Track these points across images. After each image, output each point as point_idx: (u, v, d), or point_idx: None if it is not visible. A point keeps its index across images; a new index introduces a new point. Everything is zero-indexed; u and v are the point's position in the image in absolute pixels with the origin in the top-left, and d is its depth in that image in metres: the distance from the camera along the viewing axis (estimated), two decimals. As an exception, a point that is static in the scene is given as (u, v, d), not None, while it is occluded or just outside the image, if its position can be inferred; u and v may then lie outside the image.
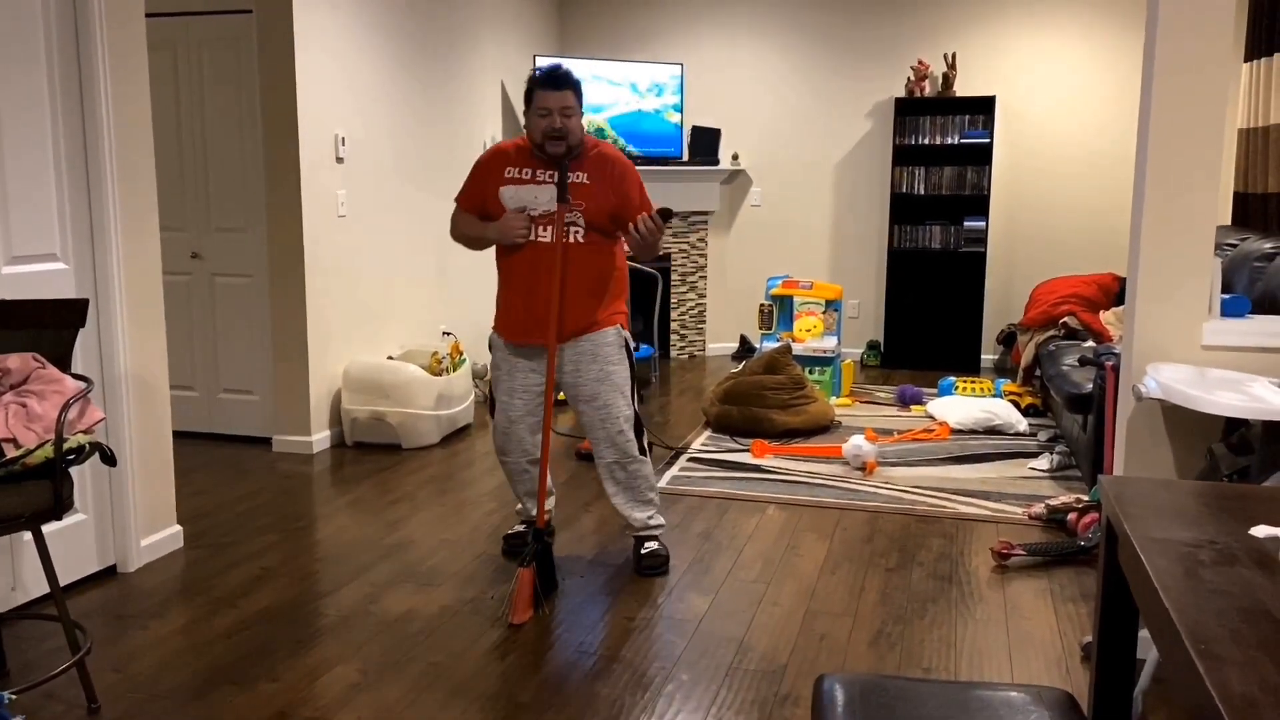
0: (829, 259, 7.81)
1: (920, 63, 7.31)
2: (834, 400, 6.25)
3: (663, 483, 4.68)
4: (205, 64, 5.22)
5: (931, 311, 7.41)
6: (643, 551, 3.70)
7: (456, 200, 3.71)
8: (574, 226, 3.49)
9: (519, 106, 7.41)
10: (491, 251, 3.94)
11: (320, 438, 5.26)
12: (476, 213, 3.64)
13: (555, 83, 3.43)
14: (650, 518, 3.73)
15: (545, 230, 3.49)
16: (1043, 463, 4.92)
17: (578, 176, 3.50)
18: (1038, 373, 6.00)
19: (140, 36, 3.69)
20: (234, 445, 5.33)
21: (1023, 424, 5.60)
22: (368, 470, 4.93)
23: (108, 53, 3.52)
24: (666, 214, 3.38)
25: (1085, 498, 4.12)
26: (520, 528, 3.91)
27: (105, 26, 3.51)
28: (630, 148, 7.32)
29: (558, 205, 3.46)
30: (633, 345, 3.67)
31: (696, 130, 7.59)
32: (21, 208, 3.27)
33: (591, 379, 3.55)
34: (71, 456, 2.64)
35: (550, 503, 3.91)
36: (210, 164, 5.29)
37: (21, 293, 3.25)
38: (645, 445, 3.66)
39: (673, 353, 7.91)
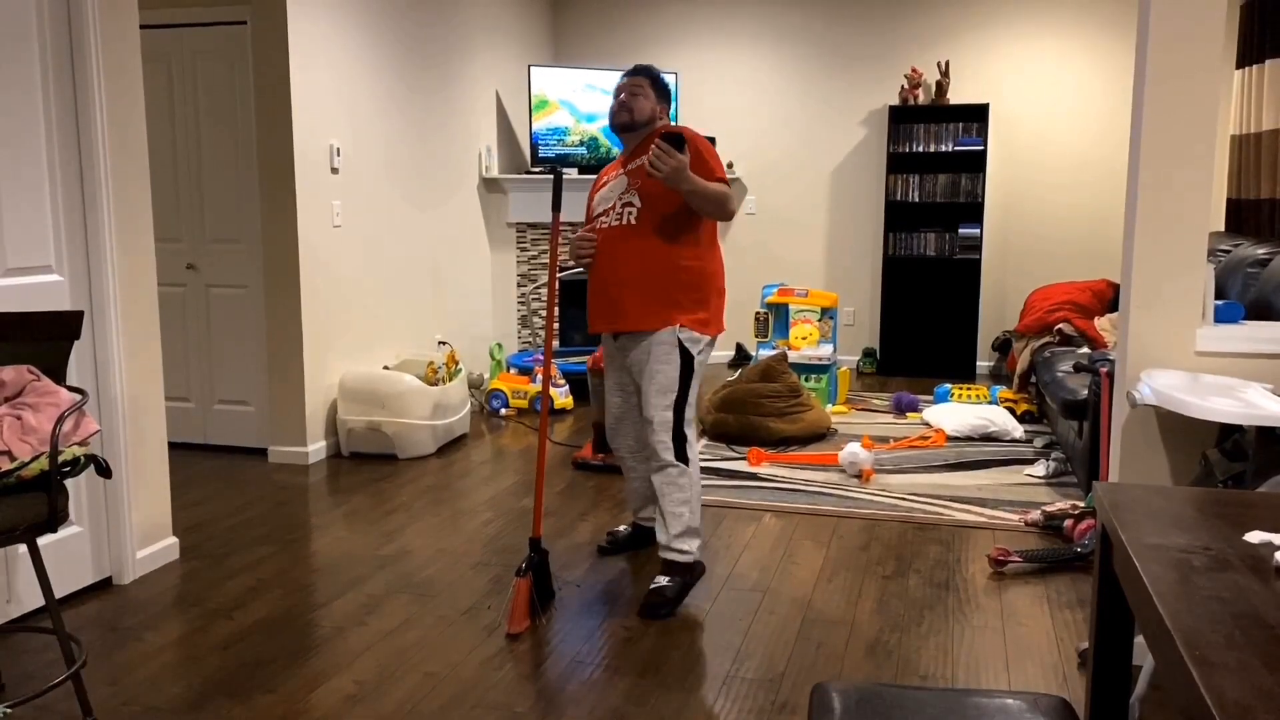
0: (824, 267, 7.82)
1: (914, 71, 7.34)
2: (830, 408, 6.25)
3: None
4: (200, 75, 5.23)
5: (927, 319, 7.42)
6: (652, 585, 3.45)
7: None
8: (629, 207, 3.46)
9: (514, 116, 7.42)
10: (483, 261, 3.93)
11: (316, 448, 5.26)
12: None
13: (632, 71, 3.61)
14: (673, 540, 3.47)
15: (608, 216, 3.51)
16: (1038, 469, 4.93)
17: (640, 160, 3.47)
18: (1033, 379, 6.01)
19: (135, 48, 3.70)
20: (229, 456, 5.32)
21: (1018, 430, 5.60)
22: (364, 481, 4.92)
23: (102, 64, 3.53)
24: (675, 140, 3.22)
25: (1081, 504, 4.13)
26: (623, 529, 4.00)
27: (100, 38, 3.51)
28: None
29: (553, 216, 3.47)
30: (698, 350, 3.47)
31: (691, 139, 7.59)
32: (16, 219, 3.27)
33: (637, 372, 3.50)
34: (67, 469, 2.64)
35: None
36: (205, 175, 5.29)
37: (16, 305, 3.25)
38: (686, 454, 3.45)
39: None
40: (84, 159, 3.51)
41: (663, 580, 3.47)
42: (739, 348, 7.93)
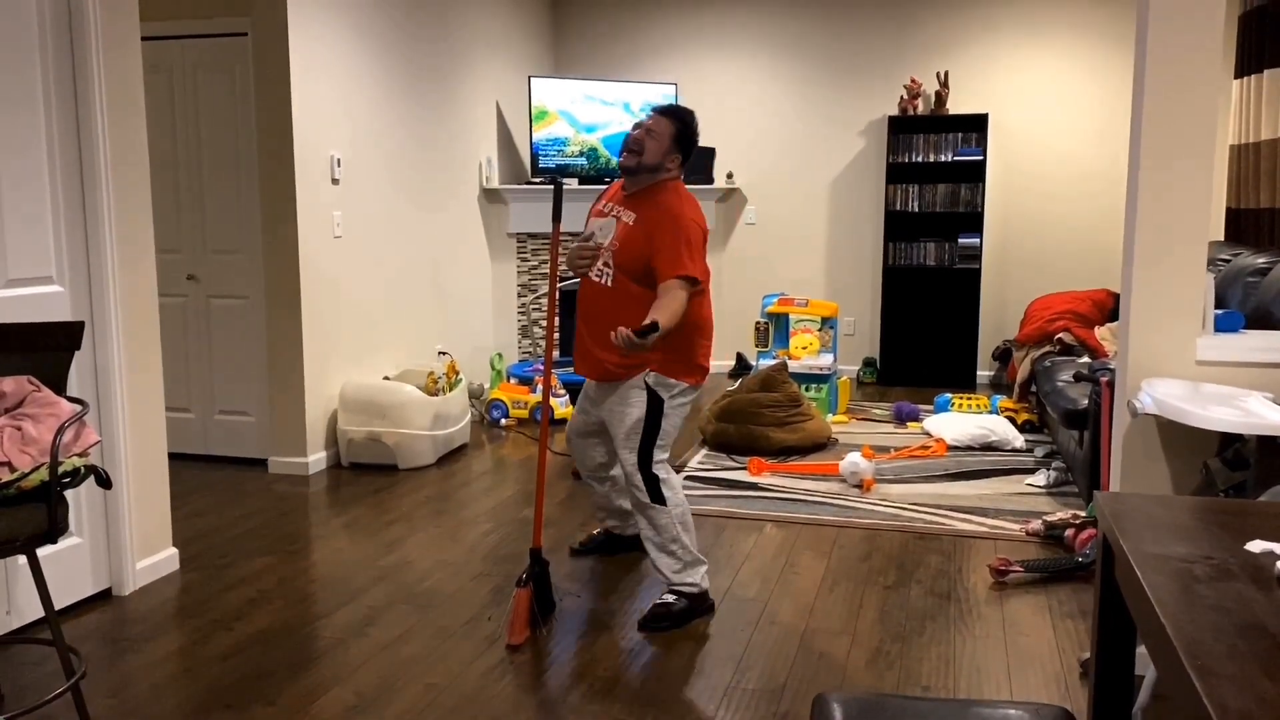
0: (824, 277, 7.83)
1: (913, 81, 7.35)
2: (830, 418, 6.25)
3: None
4: (201, 87, 5.24)
5: (927, 328, 7.42)
6: (655, 601, 3.46)
7: None
8: (607, 267, 3.37)
9: (514, 126, 7.44)
10: (483, 271, 3.93)
11: (316, 459, 5.25)
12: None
13: (662, 110, 3.45)
14: (677, 572, 3.42)
15: (592, 267, 3.43)
16: (1039, 479, 4.92)
17: (628, 215, 3.37)
18: (1033, 389, 6.01)
19: (136, 60, 3.71)
20: (230, 467, 5.32)
21: (1019, 440, 5.60)
22: (364, 491, 4.92)
23: (104, 75, 3.54)
24: (646, 331, 3.07)
25: (1082, 513, 4.12)
26: (597, 532, 4.08)
27: (101, 49, 3.52)
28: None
29: (553, 226, 3.47)
30: (670, 394, 3.39)
31: (691, 149, 7.61)
32: (17, 230, 3.27)
33: (606, 413, 3.47)
34: (67, 479, 2.64)
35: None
36: (206, 186, 5.30)
37: (17, 315, 3.25)
38: (661, 494, 3.39)
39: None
40: (85, 170, 3.52)
41: (670, 597, 3.43)
42: (739, 357, 7.93)
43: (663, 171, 3.40)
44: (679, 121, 3.41)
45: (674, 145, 3.40)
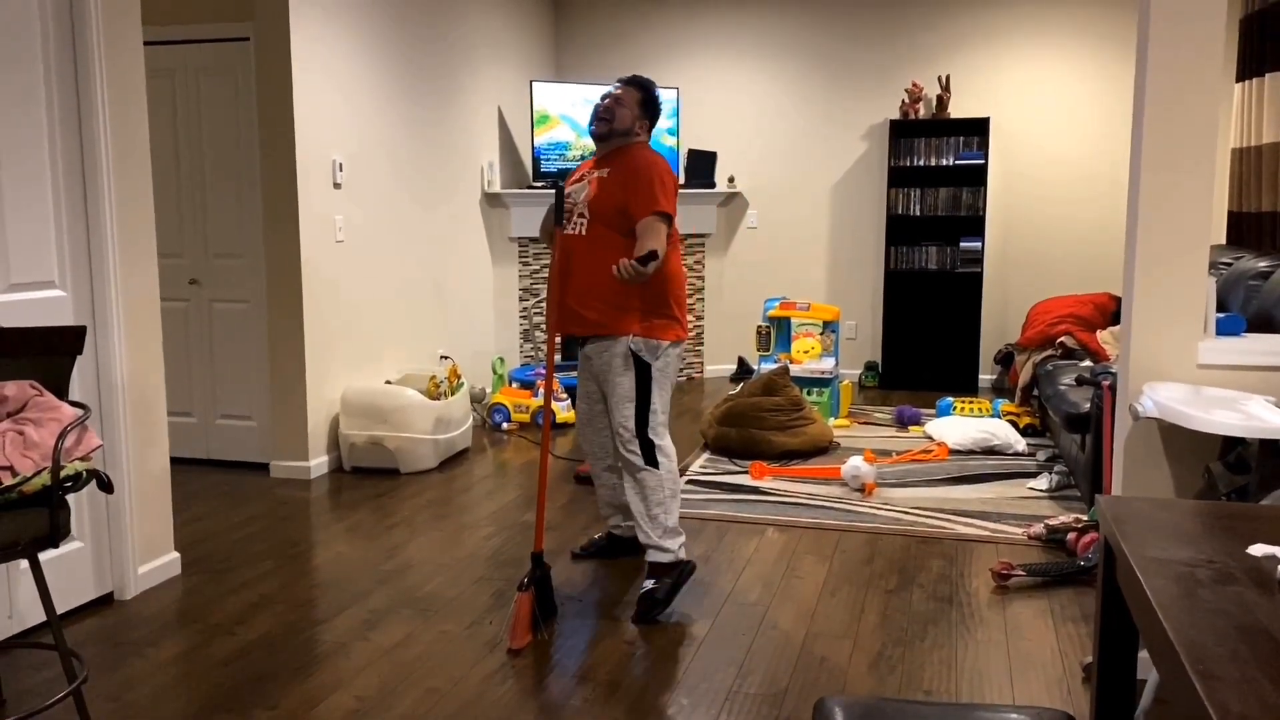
0: (826, 280, 7.83)
1: (914, 85, 7.36)
2: (832, 421, 6.24)
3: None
4: (203, 91, 5.25)
5: (929, 332, 7.42)
6: (643, 589, 3.50)
7: None
8: (581, 218, 3.52)
9: (516, 131, 7.44)
10: (485, 275, 3.96)
11: (318, 463, 5.26)
12: None
13: (626, 80, 3.63)
14: (655, 542, 3.51)
15: (568, 222, 3.55)
16: (1041, 483, 4.92)
17: (603, 172, 3.54)
18: (1035, 392, 6.00)
19: (138, 64, 3.71)
20: (232, 471, 5.32)
21: (1021, 444, 5.59)
22: (365, 495, 4.92)
23: (106, 80, 3.54)
24: (647, 259, 3.28)
25: (1084, 517, 4.12)
26: (598, 536, 4.05)
27: (104, 54, 3.53)
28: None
29: (556, 226, 3.49)
30: (656, 357, 3.52)
31: (693, 153, 7.62)
32: (20, 235, 3.28)
33: (602, 381, 3.60)
34: (69, 484, 2.64)
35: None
36: (208, 190, 5.31)
37: (19, 320, 3.25)
38: (655, 459, 3.52)
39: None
40: (87, 174, 3.53)
41: (650, 583, 3.51)
42: (741, 361, 7.93)
43: (633, 136, 3.61)
44: (643, 89, 3.64)
45: (641, 110, 3.62)
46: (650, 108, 3.64)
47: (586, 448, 3.86)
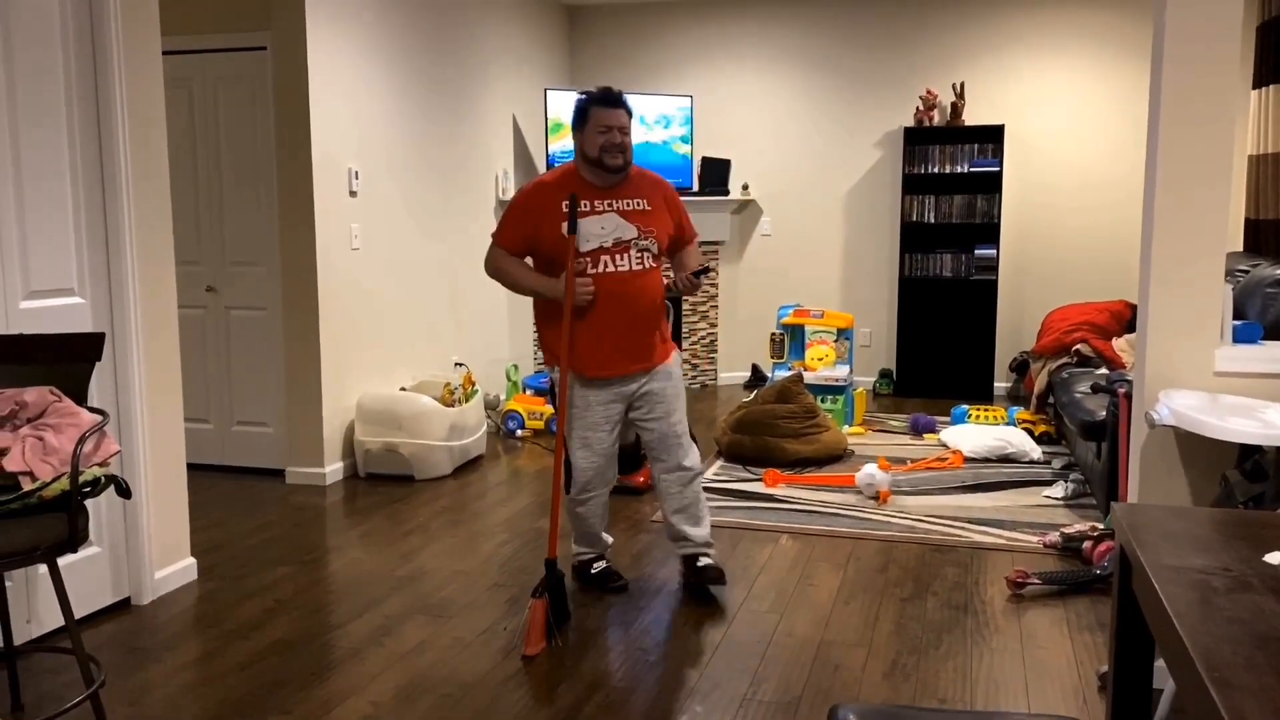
0: (840, 288, 7.82)
1: (929, 92, 7.35)
2: (846, 429, 6.23)
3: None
4: (221, 100, 5.29)
5: (943, 340, 7.40)
6: (700, 565, 3.71)
7: (494, 238, 3.64)
8: (647, 252, 3.57)
9: (531, 139, 7.47)
10: (501, 285, 3.94)
11: (333, 469, 5.28)
12: (522, 252, 3.63)
13: (614, 102, 3.56)
14: (710, 538, 3.80)
15: (621, 258, 3.50)
16: (1057, 491, 4.90)
17: (638, 203, 3.58)
18: (1051, 400, 5.98)
19: (157, 74, 3.75)
20: (248, 477, 5.35)
21: (1037, 452, 5.57)
22: (380, 502, 4.94)
23: (125, 89, 3.58)
24: (702, 272, 3.58)
25: (1100, 525, 4.10)
26: (599, 563, 3.86)
27: (124, 63, 3.56)
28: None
29: (567, 234, 3.48)
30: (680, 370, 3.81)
31: (707, 161, 7.63)
32: (39, 242, 3.31)
33: (657, 401, 3.64)
34: (87, 489, 2.66)
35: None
36: (225, 199, 5.34)
37: (39, 327, 3.28)
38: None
39: (685, 382, 7.90)
40: (106, 183, 3.56)
41: (707, 559, 3.73)
42: (755, 369, 7.93)
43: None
44: (629, 110, 3.59)
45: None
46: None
47: (599, 479, 3.67)
